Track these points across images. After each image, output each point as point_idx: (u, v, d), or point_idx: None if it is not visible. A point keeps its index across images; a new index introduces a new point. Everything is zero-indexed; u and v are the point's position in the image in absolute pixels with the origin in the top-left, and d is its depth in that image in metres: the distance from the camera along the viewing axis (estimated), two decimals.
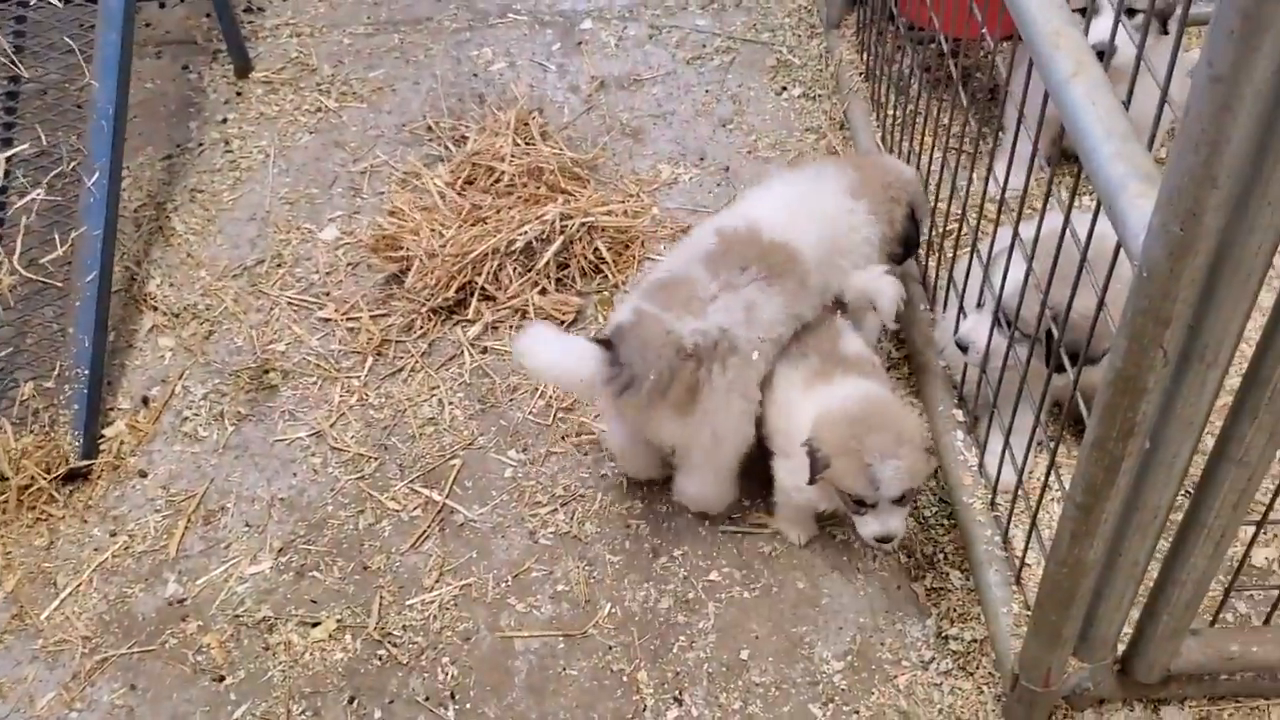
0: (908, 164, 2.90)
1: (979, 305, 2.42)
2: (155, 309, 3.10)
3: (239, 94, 3.77)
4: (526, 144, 3.37)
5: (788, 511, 2.49)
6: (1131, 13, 2.72)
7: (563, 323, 2.97)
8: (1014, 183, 2.63)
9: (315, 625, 2.43)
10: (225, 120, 3.68)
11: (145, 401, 2.89)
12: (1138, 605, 2.03)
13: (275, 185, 3.45)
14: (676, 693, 2.30)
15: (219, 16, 3.71)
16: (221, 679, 2.36)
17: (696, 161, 3.44)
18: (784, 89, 3.65)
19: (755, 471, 2.53)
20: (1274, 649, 2.10)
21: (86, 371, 2.77)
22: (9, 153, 3.10)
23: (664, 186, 3.36)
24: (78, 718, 2.31)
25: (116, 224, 3.03)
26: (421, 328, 3.00)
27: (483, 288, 3.03)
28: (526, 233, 3.04)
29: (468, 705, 2.30)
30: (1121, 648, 2.12)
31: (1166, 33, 2.75)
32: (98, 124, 3.03)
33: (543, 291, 3.04)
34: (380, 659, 2.38)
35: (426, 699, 2.31)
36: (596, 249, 3.09)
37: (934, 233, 2.82)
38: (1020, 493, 2.36)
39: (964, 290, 2.53)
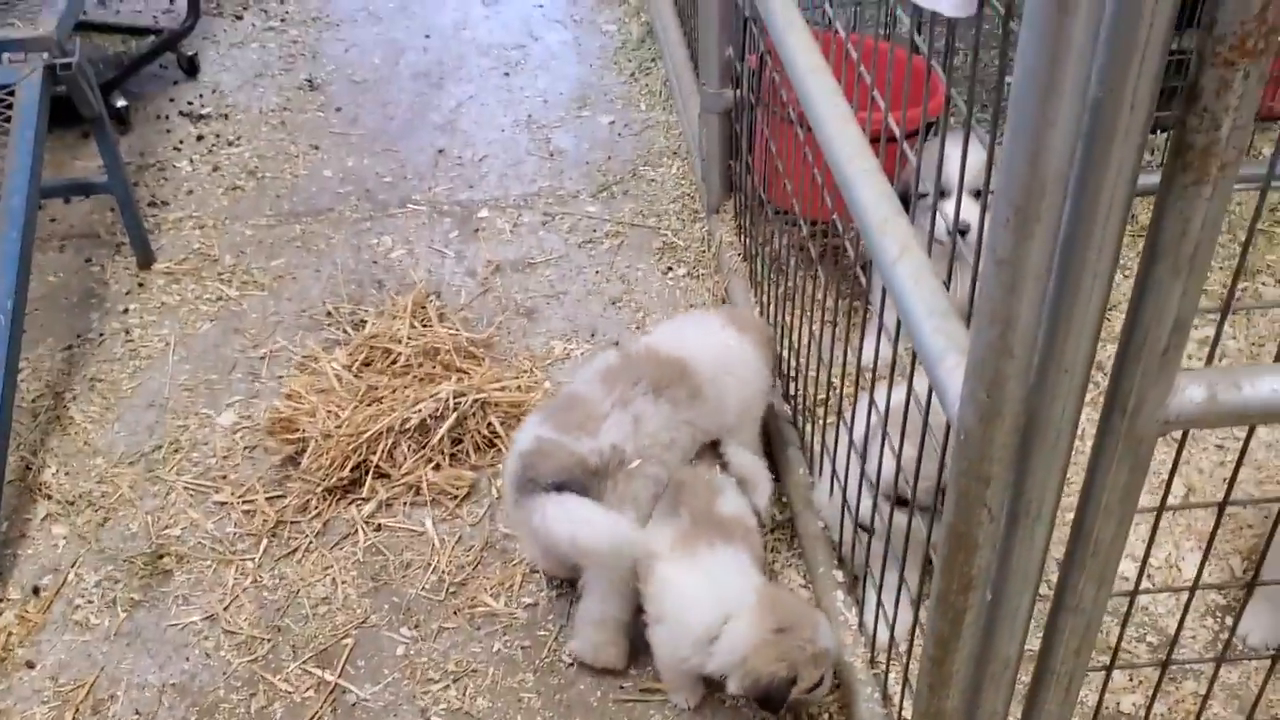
0: (781, 337, 3.11)
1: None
2: (49, 497, 3.11)
3: (141, 285, 3.87)
4: (424, 325, 3.51)
5: (671, 676, 2.54)
6: (977, 194, 2.99)
7: (455, 497, 3.04)
8: (884, 352, 2.87)
9: None
10: (127, 310, 3.77)
11: (36, 591, 2.87)
12: None
13: (175, 372, 3.52)
14: None
15: (122, 211, 3.84)
16: None
17: (588, 337, 3.60)
18: (669, 269, 3.86)
19: (641, 635, 2.58)
20: None
21: None
22: None
23: (557, 361, 3.50)
24: None
25: (11, 417, 3.06)
26: (316, 507, 3.05)
27: (377, 466, 3.10)
28: (420, 410, 3.15)
29: None
30: None
31: None
32: None
33: (436, 467, 3.12)
34: None
35: None
36: (490, 424, 3.20)
37: (808, 400, 2.98)
38: (896, 651, 2.46)
39: (834, 456, 2.67)
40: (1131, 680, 2.57)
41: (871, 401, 2.38)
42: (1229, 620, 2.69)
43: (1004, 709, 1.97)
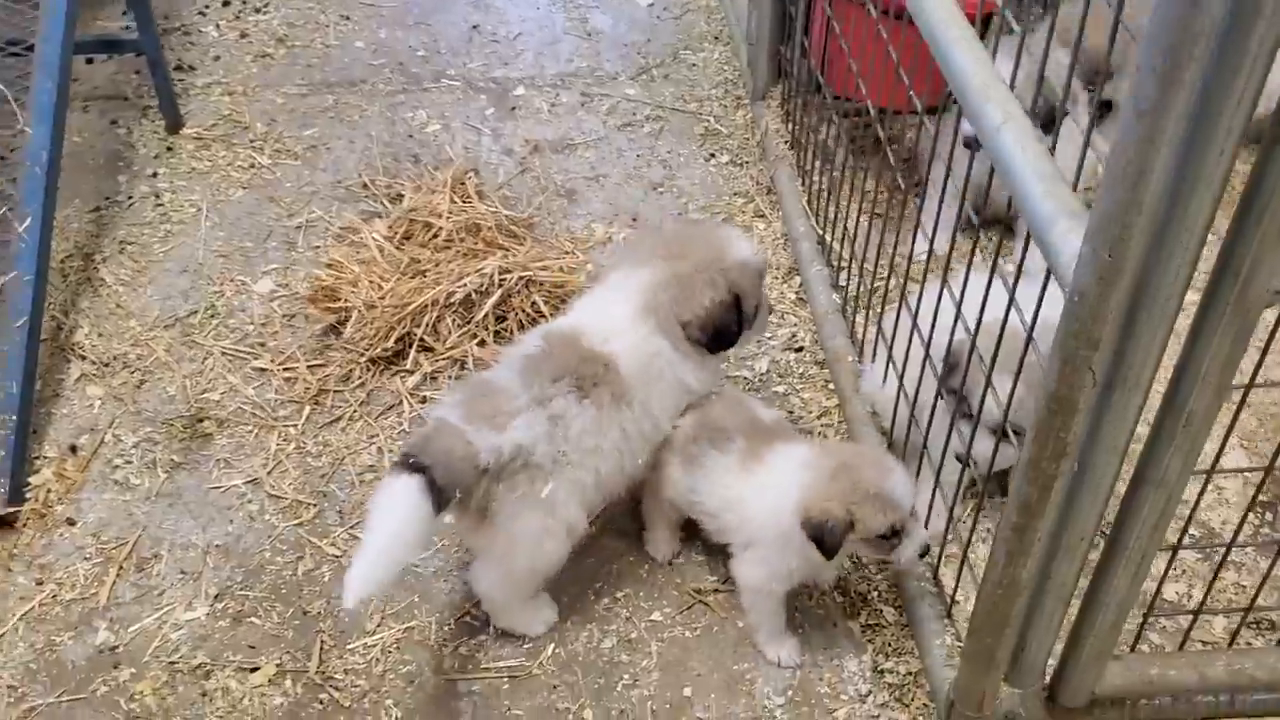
0: (832, 228, 3.04)
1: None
2: (83, 358, 3.06)
3: (169, 149, 3.78)
4: (463, 201, 3.44)
5: (762, 619, 2.42)
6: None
7: None
8: (937, 243, 2.83)
9: (254, 670, 2.40)
10: (155, 175, 3.68)
11: (73, 450, 2.84)
12: (1061, 637, 2.12)
13: (208, 239, 3.45)
14: None
15: (152, 71, 3.73)
16: None
17: (630, 222, 3.54)
18: (712, 155, 3.79)
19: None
20: (1188, 672, 2.20)
21: (14, 418, 2.72)
22: None
23: (598, 245, 3.44)
24: None
25: (47, 270, 3.00)
26: (360, 378, 3.01)
27: (421, 339, 3.06)
28: (465, 285, 3.09)
29: None
30: (1048, 677, 2.20)
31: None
32: (31, 170, 3.02)
33: (481, 343, 3.08)
34: (321, 703, 2.35)
35: None
36: (534, 302, 3.15)
37: (861, 288, 2.94)
38: (949, 535, 2.45)
39: (892, 342, 2.63)
40: (1175, 569, 2.58)
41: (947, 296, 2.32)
42: (1269, 515, 2.70)
43: (1073, 583, 1.97)
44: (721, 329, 2.41)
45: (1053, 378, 1.62)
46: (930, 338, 2.36)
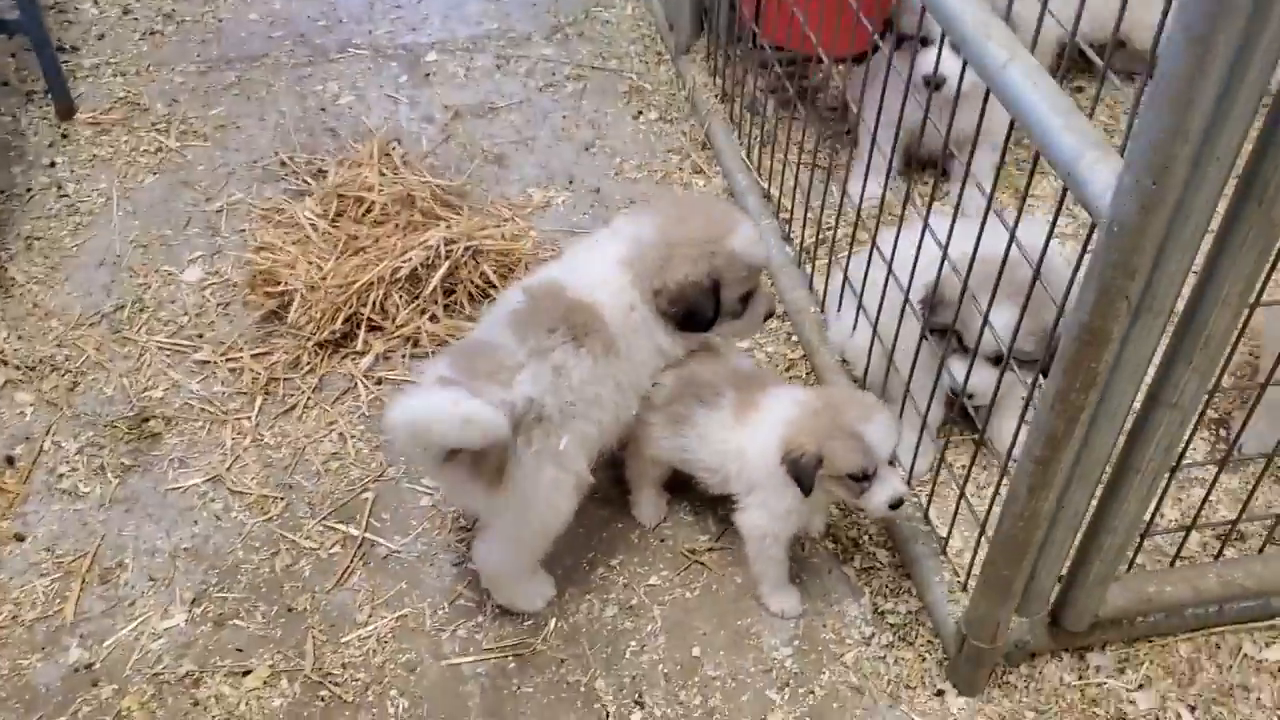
0: (777, 181, 3.03)
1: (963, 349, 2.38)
2: (5, 363, 2.86)
3: (65, 136, 3.55)
4: (392, 174, 3.32)
5: (767, 568, 2.42)
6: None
7: None
8: (872, 191, 2.86)
9: (246, 674, 2.29)
10: (53, 164, 3.45)
11: (10, 461, 2.66)
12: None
13: (122, 228, 3.26)
14: (636, 696, 2.29)
15: (38, 53, 3.49)
16: None
17: (566, 185, 3.47)
18: (639, 113, 3.74)
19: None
20: (1183, 587, 2.28)
21: None
22: None
23: (538, 210, 3.37)
24: None
25: None
26: (309, 363, 2.89)
27: (369, 318, 2.95)
28: (410, 260, 2.99)
29: None
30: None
31: None
32: None
33: (433, 319, 2.99)
34: (323, 700, 2.26)
35: None
36: (483, 273, 3.06)
37: (818, 237, 2.95)
38: (937, 475, 2.49)
39: (863, 289, 2.64)
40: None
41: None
42: (1222, 432, 2.82)
43: (1084, 510, 2.01)
44: (692, 310, 2.33)
45: (1086, 309, 1.64)
46: (911, 279, 2.38)
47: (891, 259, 2.46)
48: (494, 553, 2.34)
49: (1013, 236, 1.97)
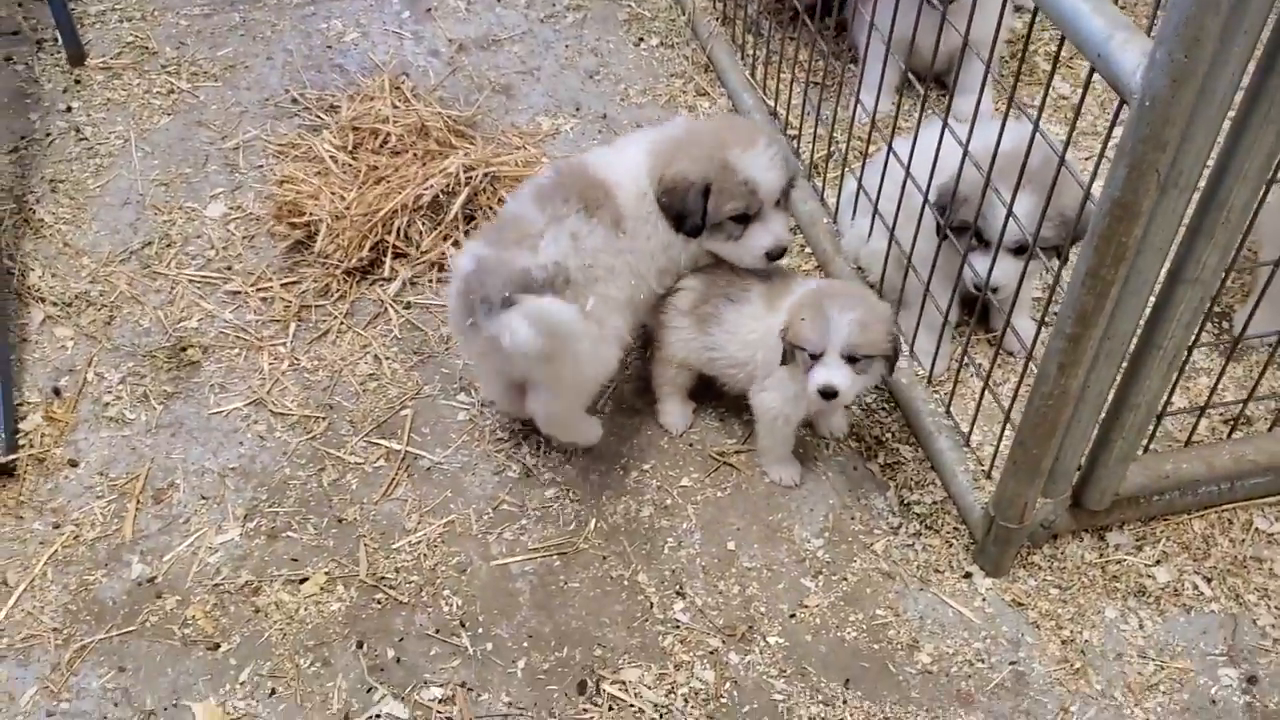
0: (785, 100, 3.09)
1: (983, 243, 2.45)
2: (42, 300, 2.93)
3: (78, 82, 3.58)
4: (404, 106, 3.37)
5: (774, 443, 2.56)
6: None
7: None
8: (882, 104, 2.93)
9: (303, 581, 2.39)
10: (70, 109, 3.49)
11: (57, 392, 2.73)
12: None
13: (142, 169, 3.31)
14: (677, 587, 2.40)
15: (48, 1, 3.51)
16: (216, 646, 2.28)
17: (573, 112, 3.53)
18: (640, 40, 3.79)
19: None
20: (1198, 464, 2.40)
21: None
22: None
23: (547, 137, 3.43)
24: (69, 707, 2.19)
25: None
26: (339, 290, 2.96)
27: (394, 245, 3.02)
28: (432, 187, 3.06)
29: (479, 630, 2.32)
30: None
31: None
32: None
33: (456, 244, 3.06)
34: (379, 602, 2.36)
35: (437, 631, 2.32)
36: (501, 198, 3.13)
37: (830, 151, 3.02)
38: (956, 368, 2.59)
39: (878, 199, 2.72)
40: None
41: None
42: (1225, 324, 2.92)
43: (1107, 389, 2.11)
44: (678, 208, 2.45)
45: (1118, 185, 1.72)
46: (930, 180, 2.46)
47: (910, 160, 2.54)
48: (551, 403, 2.48)
49: (1036, 125, 2.05)
